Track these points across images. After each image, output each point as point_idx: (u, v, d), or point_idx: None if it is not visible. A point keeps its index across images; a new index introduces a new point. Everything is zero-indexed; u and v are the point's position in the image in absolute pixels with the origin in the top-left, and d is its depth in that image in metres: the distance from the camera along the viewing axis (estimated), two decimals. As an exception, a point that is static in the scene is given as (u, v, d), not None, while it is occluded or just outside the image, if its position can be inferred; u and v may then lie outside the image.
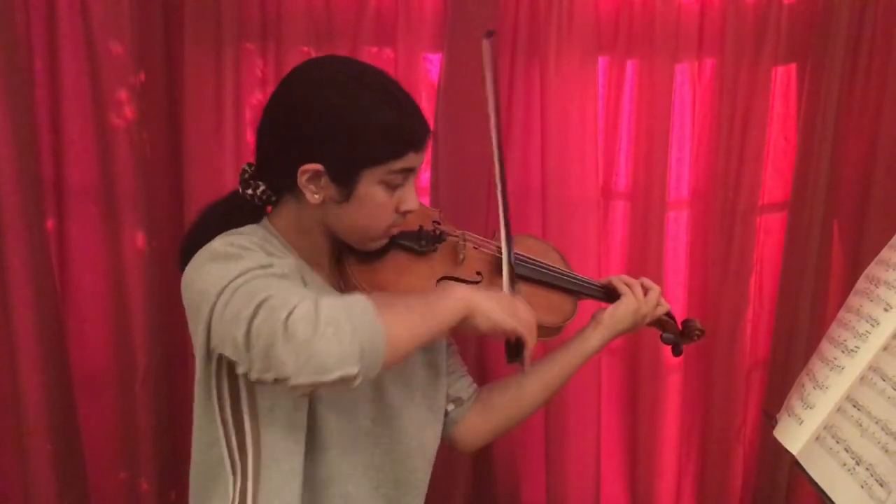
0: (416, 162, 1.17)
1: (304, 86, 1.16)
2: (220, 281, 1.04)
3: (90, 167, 1.81)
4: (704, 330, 1.53)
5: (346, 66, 1.19)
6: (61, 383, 1.86)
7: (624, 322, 1.44)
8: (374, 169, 1.14)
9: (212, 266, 1.08)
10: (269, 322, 0.96)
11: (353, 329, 0.95)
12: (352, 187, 1.14)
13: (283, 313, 0.95)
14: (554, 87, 1.87)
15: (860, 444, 1.15)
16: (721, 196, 1.98)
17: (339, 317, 0.95)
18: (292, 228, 1.23)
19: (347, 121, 1.12)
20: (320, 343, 0.94)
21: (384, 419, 1.28)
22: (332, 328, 0.94)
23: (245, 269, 1.04)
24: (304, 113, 1.13)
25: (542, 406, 1.48)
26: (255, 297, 0.99)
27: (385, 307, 1.01)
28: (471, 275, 1.33)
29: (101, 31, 1.73)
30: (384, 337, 0.98)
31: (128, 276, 1.83)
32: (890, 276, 1.25)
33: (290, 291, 1.00)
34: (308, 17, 1.80)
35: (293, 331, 0.94)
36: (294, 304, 0.96)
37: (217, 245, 1.10)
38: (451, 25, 1.84)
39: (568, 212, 1.92)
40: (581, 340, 1.43)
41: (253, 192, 1.21)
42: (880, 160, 1.95)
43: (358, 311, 0.98)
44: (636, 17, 1.89)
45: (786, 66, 2.00)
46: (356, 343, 0.95)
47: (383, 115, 1.13)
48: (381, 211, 1.18)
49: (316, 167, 1.13)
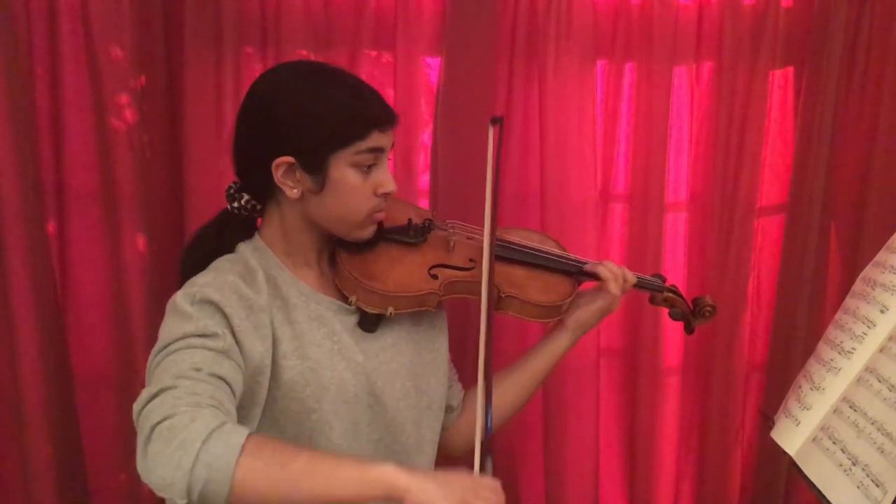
0: (382, 141, 1.22)
1: (264, 89, 1.24)
2: (164, 338, 1.11)
3: (91, 170, 1.81)
4: (716, 306, 1.54)
5: (301, 64, 1.29)
6: (62, 385, 1.86)
7: (590, 324, 1.51)
8: (341, 152, 1.19)
9: (169, 318, 1.15)
10: (147, 419, 0.99)
11: (195, 464, 0.94)
12: (324, 174, 1.19)
13: (157, 417, 0.98)
14: (552, 91, 1.87)
15: (856, 445, 1.16)
16: (719, 198, 1.98)
17: (193, 447, 0.95)
18: (280, 235, 1.28)
19: (306, 110, 1.18)
20: (161, 463, 0.95)
21: (382, 421, 1.29)
22: (179, 454, 0.94)
23: (185, 334, 1.10)
24: (266, 112, 1.20)
25: (522, 407, 1.54)
26: (163, 381, 1.03)
27: (257, 454, 0.96)
28: (463, 262, 1.38)
29: (102, 35, 1.73)
30: (229, 483, 0.94)
31: (128, 279, 1.83)
32: (886, 278, 1.26)
33: (192, 391, 1.02)
34: (307, 22, 1.81)
35: (152, 440, 0.97)
36: (174, 412, 0.98)
37: (180, 298, 1.16)
38: (450, 29, 1.84)
39: (566, 214, 1.92)
40: (551, 343, 1.50)
41: (239, 204, 1.28)
42: (877, 162, 1.96)
43: (216, 450, 0.95)
44: (634, 21, 1.89)
45: (783, 70, 2.00)
46: (189, 479, 0.94)
47: (339, 98, 1.19)
48: (358, 194, 1.22)
49: (287, 160, 1.19)
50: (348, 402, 1.25)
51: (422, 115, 1.91)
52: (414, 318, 1.35)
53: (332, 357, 1.24)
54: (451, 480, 1.00)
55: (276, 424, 1.22)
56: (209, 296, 1.14)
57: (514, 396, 1.50)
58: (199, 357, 1.07)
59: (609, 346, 2.06)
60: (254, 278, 1.22)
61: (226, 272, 1.21)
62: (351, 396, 1.25)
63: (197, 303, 1.14)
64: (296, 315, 1.24)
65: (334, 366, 1.24)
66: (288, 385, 1.21)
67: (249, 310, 1.17)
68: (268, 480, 0.96)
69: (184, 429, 0.96)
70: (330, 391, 1.23)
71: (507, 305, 1.39)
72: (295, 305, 1.24)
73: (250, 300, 1.18)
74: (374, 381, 1.28)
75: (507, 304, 1.39)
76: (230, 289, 1.17)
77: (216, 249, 1.27)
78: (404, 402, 1.32)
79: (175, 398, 1.00)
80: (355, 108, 1.19)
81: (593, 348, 1.98)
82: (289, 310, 1.23)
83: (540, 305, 1.41)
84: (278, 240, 1.28)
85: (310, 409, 1.22)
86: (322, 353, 1.24)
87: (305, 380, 1.22)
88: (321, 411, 1.23)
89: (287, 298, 1.24)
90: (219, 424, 0.97)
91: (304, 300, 1.26)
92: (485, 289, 1.25)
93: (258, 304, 1.19)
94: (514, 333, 1.99)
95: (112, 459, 1.95)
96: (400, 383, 1.32)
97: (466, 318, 1.73)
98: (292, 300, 1.24)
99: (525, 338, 2.00)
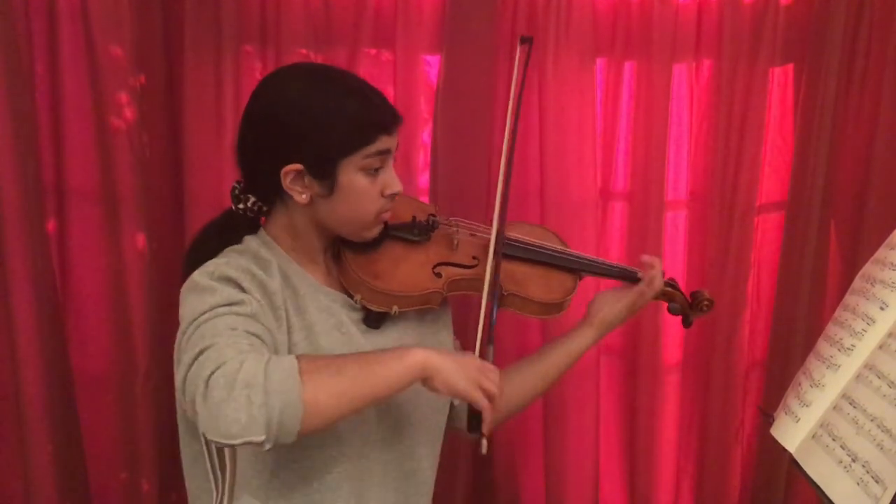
0: (389, 144, 1.22)
1: (271, 94, 1.22)
2: (190, 314, 1.10)
3: (90, 169, 1.81)
4: (713, 300, 1.54)
5: (306, 69, 1.27)
6: (62, 384, 1.86)
7: (615, 324, 1.50)
8: (350, 158, 1.18)
9: (189, 297, 1.13)
10: (197, 376, 1.00)
11: (266, 395, 0.97)
12: (334, 180, 1.19)
13: (208, 370, 0.99)
14: (552, 89, 1.87)
15: (856, 442, 1.16)
16: (719, 196, 1.99)
17: (256, 381, 0.97)
18: (287, 234, 1.27)
19: (315, 117, 1.17)
20: (229, 408, 0.96)
21: (389, 414, 1.29)
22: (246, 392, 0.96)
23: (212, 306, 1.09)
24: (274, 119, 1.19)
25: (532, 402, 1.54)
26: (201, 344, 1.03)
27: (314, 370, 1.02)
28: (467, 259, 1.37)
29: (101, 34, 1.73)
30: (302, 404, 0.98)
31: (128, 278, 1.83)
32: (886, 274, 1.26)
33: (233, 343, 1.03)
34: (307, 20, 1.81)
35: (210, 390, 0.98)
36: (222, 360, 0.99)
37: (197, 276, 1.15)
38: (449, 27, 1.84)
39: (566, 213, 1.93)
40: (574, 341, 1.49)
41: (244, 206, 1.27)
42: (877, 160, 1.96)
43: (278, 376, 0.98)
44: (634, 19, 1.90)
45: (783, 67, 2.01)
46: (266, 411, 0.96)
47: (348, 105, 1.18)
48: (367, 197, 1.22)
49: (296, 167, 1.18)
50: None
51: (421, 113, 1.91)
52: (419, 313, 1.35)
53: (342, 348, 1.24)
54: (466, 362, 1.13)
55: None
56: (227, 273, 1.14)
57: (527, 390, 1.49)
58: (230, 320, 1.08)
59: (609, 344, 2.06)
60: (266, 265, 1.22)
61: (238, 256, 1.20)
62: None
63: (216, 279, 1.14)
64: (306, 304, 1.24)
65: None
66: None
67: (264, 291, 1.17)
68: (332, 390, 1.03)
69: (239, 370, 0.97)
70: None
71: (509, 303, 1.39)
72: (304, 295, 1.24)
73: (265, 283, 1.18)
74: None
75: (508, 302, 1.38)
76: (245, 271, 1.17)
77: (220, 250, 1.25)
78: (410, 394, 1.31)
79: (218, 351, 1.01)
80: (364, 115, 1.19)
81: (593, 346, 1.98)
82: (299, 299, 1.23)
83: (541, 303, 1.40)
84: (284, 238, 1.27)
85: None
86: (332, 343, 1.23)
87: None
88: None
89: (297, 288, 1.24)
90: (268, 359, 1.01)
91: (313, 291, 1.26)
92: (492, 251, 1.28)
93: (272, 288, 1.19)
94: (514, 333, 1.99)
95: (113, 458, 1.95)
96: None
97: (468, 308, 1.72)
98: (302, 290, 1.24)
99: (525, 338, 2.00)
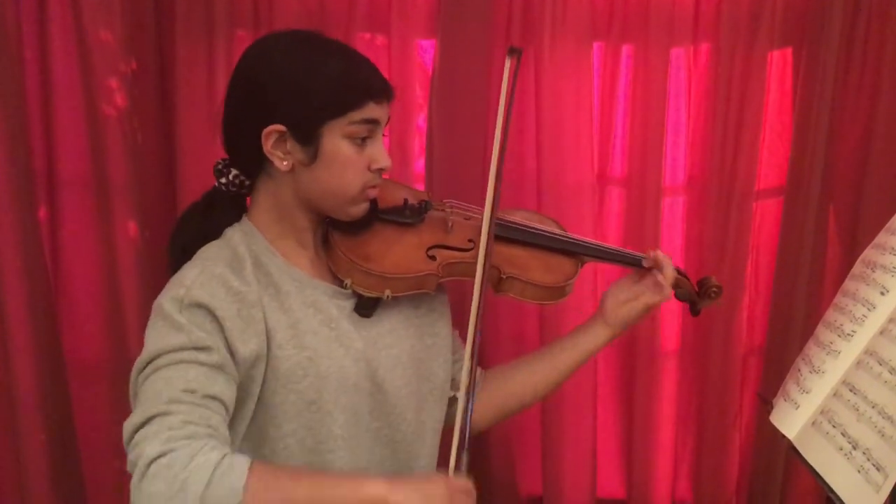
0: (377, 113, 1.19)
1: (254, 55, 1.19)
2: (153, 347, 1.08)
3: (81, 156, 1.80)
4: (721, 286, 1.52)
5: (292, 33, 1.22)
6: (55, 373, 1.85)
7: (632, 322, 1.47)
8: (334, 122, 1.16)
9: (157, 323, 1.11)
10: (140, 451, 0.97)
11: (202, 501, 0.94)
12: (317, 144, 1.16)
13: (155, 449, 0.96)
14: (549, 73, 1.85)
15: (857, 429, 1.15)
16: (717, 181, 1.97)
17: (196, 489, 0.94)
18: (271, 215, 1.24)
19: (299, 76, 1.15)
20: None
21: (383, 409, 1.27)
22: (181, 497, 0.94)
23: (175, 348, 1.07)
24: (255, 78, 1.17)
25: (541, 398, 1.52)
26: (156, 403, 1.01)
27: (261, 490, 0.98)
28: (462, 242, 1.35)
29: (92, 19, 1.72)
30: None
31: (120, 266, 1.82)
32: (886, 259, 1.25)
33: (189, 420, 1.01)
34: (300, 4, 1.79)
35: (150, 477, 0.95)
36: (171, 448, 0.96)
37: (167, 303, 1.11)
38: (444, 11, 1.82)
39: (563, 198, 1.91)
40: (587, 339, 1.45)
41: (227, 179, 1.24)
42: (876, 144, 1.95)
43: (220, 492, 0.95)
44: (631, 2, 1.87)
45: (781, 50, 1.99)
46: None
47: (334, 65, 1.16)
48: (352, 168, 1.19)
49: (278, 128, 1.15)
50: (349, 391, 1.22)
51: (416, 98, 1.89)
52: (413, 302, 1.32)
53: (330, 345, 1.21)
54: (433, 494, 1.07)
55: (273, 421, 1.18)
56: (198, 298, 1.10)
57: (532, 385, 1.46)
58: (192, 374, 1.05)
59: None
60: (242, 267, 1.18)
61: (213, 262, 1.16)
62: (351, 385, 1.22)
63: (186, 308, 1.10)
64: (290, 303, 1.20)
65: (332, 354, 1.20)
66: (286, 376, 1.17)
67: (241, 303, 1.14)
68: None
69: (184, 468, 0.95)
70: (329, 380, 1.19)
71: (508, 287, 1.35)
72: (288, 293, 1.20)
73: (240, 293, 1.14)
74: (374, 369, 1.24)
75: (507, 286, 1.35)
76: (219, 282, 1.13)
77: (203, 231, 1.23)
78: (406, 389, 1.29)
79: (170, 428, 0.98)
80: (350, 75, 1.15)
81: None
82: (282, 297, 1.20)
83: (542, 287, 1.37)
84: (269, 220, 1.23)
85: (309, 401, 1.19)
86: (319, 341, 1.20)
87: (304, 370, 1.18)
88: (321, 402, 1.19)
89: (279, 286, 1.20)
90: (219, 460, 0.97)
91: (298, 286, 1.22)
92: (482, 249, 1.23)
93: (249, 298, 1.15)
94: (513, 335, 1.98)
95: (106, 447, 1.94)
96: (401, 370, 1.28)
97: (462, 296, 1.71)
98: (285, 287, 1.20)
99: (524, 337, 1.99)
